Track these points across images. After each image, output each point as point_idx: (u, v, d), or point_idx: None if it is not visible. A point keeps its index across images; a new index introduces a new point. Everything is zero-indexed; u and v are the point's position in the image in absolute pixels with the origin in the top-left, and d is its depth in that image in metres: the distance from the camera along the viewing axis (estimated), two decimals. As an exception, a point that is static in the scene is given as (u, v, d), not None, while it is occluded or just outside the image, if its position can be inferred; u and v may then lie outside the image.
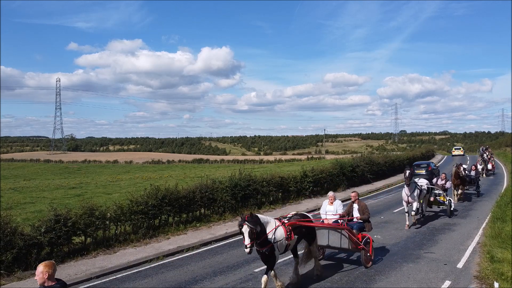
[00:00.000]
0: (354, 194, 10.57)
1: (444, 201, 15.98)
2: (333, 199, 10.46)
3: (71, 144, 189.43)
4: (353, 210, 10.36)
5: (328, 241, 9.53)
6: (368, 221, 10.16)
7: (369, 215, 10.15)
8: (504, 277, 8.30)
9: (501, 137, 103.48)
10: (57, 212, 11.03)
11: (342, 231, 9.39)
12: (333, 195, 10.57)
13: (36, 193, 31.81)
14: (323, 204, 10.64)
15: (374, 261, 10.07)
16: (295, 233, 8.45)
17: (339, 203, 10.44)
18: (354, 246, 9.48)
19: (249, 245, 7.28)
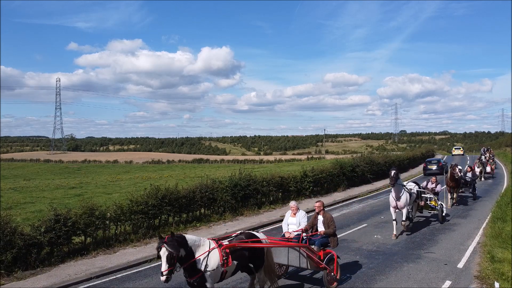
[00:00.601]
0: (319, 204, 9.07)
1: (435, 206, 14.92)
2: (296, 210, 9.31)
3: (71, 144, 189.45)
4: (317, 222, 8.96)
5: (288, 260, 8.30)
6: (334, 235, 8.83)
7: (335, 228, 8.80)
8: (504, 277, 8.29)
9: (501, 137, 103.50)
10: (57, 212, 11.02)
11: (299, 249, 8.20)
12: (295, 205, 9.38)
13: (36, 193, 31.79)
14: (286, 216, 9.55)
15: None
16: (234, 257, 6.95)
17: (302, 214, 9.27)
18: (315, 265, 8.30)
19: (166, 272, 5.99)
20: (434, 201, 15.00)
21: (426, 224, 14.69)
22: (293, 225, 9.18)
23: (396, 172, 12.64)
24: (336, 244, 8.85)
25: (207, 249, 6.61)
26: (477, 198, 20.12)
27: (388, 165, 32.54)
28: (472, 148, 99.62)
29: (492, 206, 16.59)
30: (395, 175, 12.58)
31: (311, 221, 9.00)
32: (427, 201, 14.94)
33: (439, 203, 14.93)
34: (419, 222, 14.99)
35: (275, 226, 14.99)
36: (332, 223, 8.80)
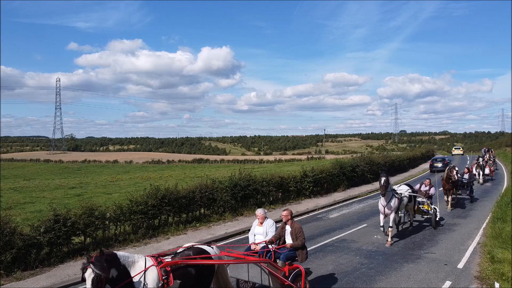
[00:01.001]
0: (286, 213, 8.08)
1: (428, 210, 14.10)
2: (263, 219, 8.40)
3: (71, 144, 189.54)
4: (285, 233, 8.03)
5: (249, 276, 7.42)
6: (302, 248, 7.81)
7: (303, 240, 7.79)
8: (504, 278, 8.28)
9: (501, 137, 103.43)
10: (57, 212, 11.00)
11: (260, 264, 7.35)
12: (261, 214, 8.43)
13: (36, 193, 31.78)
14: (252, 225, 8.69)
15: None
16: (177, 276, 6.04)
17: (270, 223, 8.38)
18: (279, 282, 7.39)
19: None
20: (427, 205, 14.18)
21: (425, 225, 14.67)
22: (259, 235, 8.33)
23: (386, 179, 11.74)
24: (305, 258, 7.88)
25: (142, 268, 5.72)
26: (474, 201, 19.44)
27: (388, 165, 32.62)
28: (472, 148, 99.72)
29: (492, 206, 16.57)
30: (385, 183, 11.68)
31: (278, 232, 8.09)
32: (420, 205, 14.14)
33: (433, 207, 14.13)
34: (418, 223, 14.84)
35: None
36: (301, 234, 7.84)
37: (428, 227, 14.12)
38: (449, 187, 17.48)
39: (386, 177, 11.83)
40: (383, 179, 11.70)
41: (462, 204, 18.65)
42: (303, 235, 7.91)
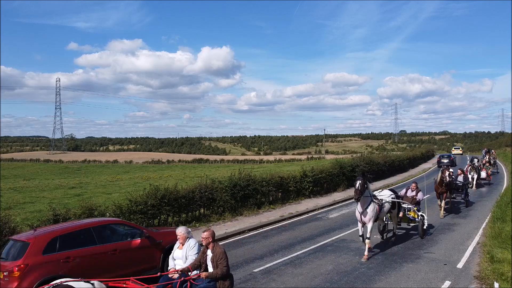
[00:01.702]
0: (206, 235, 6.56)
1: (414, 217, 12.77)
2: (184, 240, 7.03)
3: (71, 144, 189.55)
4: (206, 259, 6.61)
5: None
6: (224, 277, 6.37)
7: (224, 268, 6.31)
8: (504, 277, 8.28)
9: (501, 137, 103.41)
10: (56, 212, 11.00)
11: None
12: (182, 233, 7.04)
13: (35, 193, 31.78)
14: (174, 247, 7.35)
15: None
16: None
17: (192, 244, 6.98)
18: None
19: None
20: (413, 211, 12.79)
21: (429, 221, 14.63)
22: (179, 260, 7.00)
23: (362, 182, 10.41)
24: None
25: None
26: (470, 205, 18.23)
27: (388, 165, 32.62)
28: (472, 148, 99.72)
29: (491, 206, 16.56)
30: (360, 187, 10.35)
31: (199, 257, 6.68)
32: (405, 212, 12.70)
33: (420, 214, 12.79)
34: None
35: (274, 226, 14.99)
36: (222, 261, 6.34)
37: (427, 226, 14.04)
38: (442, 190, 15.94)
39: (362, 180, 10.47)
40: (358, 182, 10.40)
41: (456, 209, 17.53)
42: (226, 262, 6.38)
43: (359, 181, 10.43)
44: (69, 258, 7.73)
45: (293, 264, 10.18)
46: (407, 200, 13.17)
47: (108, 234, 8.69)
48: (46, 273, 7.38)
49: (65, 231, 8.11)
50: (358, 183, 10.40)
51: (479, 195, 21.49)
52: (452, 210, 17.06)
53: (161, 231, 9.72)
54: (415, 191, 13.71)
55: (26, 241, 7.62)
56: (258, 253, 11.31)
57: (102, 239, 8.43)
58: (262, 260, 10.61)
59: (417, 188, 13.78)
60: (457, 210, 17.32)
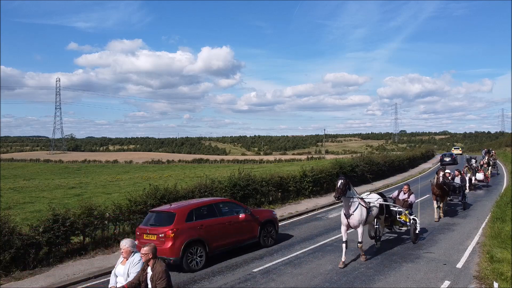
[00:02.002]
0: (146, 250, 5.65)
1: (406, 221, 12.09)
2: (128, 254, 6.17)
3: (71, 144, 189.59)
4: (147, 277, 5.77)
5: None
6: None
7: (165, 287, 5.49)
8: (503, 277, 8.27)
9: (501, 137, 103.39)
10: (56, 212, 11.01)
11: None
12: (127, 247, 6.16)
13: (35, 193, 31.79)
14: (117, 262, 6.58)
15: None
16: None
17: (136, 260, 6.13)
18: None
19: None
20: (405, 215, 12.09)
21: (424, 224, 14.64)
22: (121, 277, 6.22)
23: (344, 182, 9.80)
24: None
25: None
26: (467, 207, 17.39)
27: (388, 165, 32.60)
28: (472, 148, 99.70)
29: (491, 206, 16.54)
30: (342, 186, 9.74)
31: (138, 275, 5.91)
32: (397, 215, 12.09)
33: (412, 218, 12.01)
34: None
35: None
36: (161, 281, 5.51)
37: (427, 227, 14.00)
38: (439, 193, 15.12)
39: (344, 180, 9.87)
40: (340, 181, 9.78)
41: (453, 211, 16.77)
42: (166, 282, 5.54)
43: (341, 180, 9.86)
44: (202, 225, 10.36)
45: (292, 264, 10.18)
46: (399, 203, 12.54)
47: (224, 209, 11.39)
48: (188, 237, 9.94)
49: (196, 205, 10.81)
50: (340, 182, 9.82)
51: (478, 195, 21.42)
52: (449, 212, 16.46)
53: (258, 209, 13.16)
54: (407, 193, 13.00)
55: (172, 212, 10.22)
56: (258, 253, 11.31)
57: (221, 213, 11.12)
58: (262, 260, 10.61)
59: (409, 191, 13.06)
60: (454, 212, 16.71)
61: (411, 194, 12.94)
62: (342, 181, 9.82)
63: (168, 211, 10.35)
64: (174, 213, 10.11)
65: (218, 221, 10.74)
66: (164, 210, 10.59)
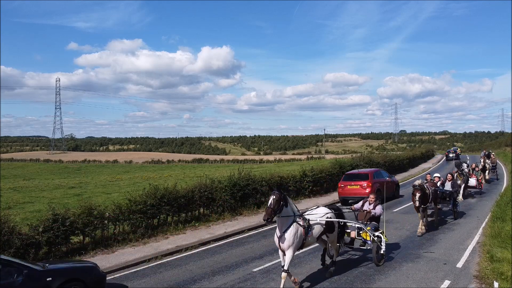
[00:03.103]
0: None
1: (366, 239, 9.78)
2: None
3: (71, 144, 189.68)
4: None
5: None
6: None
7: None
8: (503, 277, 8.26)
9: (501, 137, 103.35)
10: (55, 211, 11.00)
11: None
12: None
13: (35, 193, 31.78)
14: None
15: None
16: None
17: None
18: None
19: None
20: (365, 232, 9.79)
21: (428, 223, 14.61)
22: None
23: (277, 198, 7.80)
24: None
25: None
26: (458, 216, 15.39)
27: (388, 165, 32.55)
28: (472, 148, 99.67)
29: (491, 205, 16.54)
30: (274, 204, 7.74)
31: None
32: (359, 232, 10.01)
33: (377, 234, 9.88)
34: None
35: (274, 226, 14.92)
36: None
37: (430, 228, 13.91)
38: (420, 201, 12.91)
39: (278, 195, 7.87)
40: (272, 197, 7.83)
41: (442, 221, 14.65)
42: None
43: (273, 196, 7.83)
44: (376, 183, 18.80)
45: (292, 264, 10.11)
46: (361, 217, 10.48)
47: (382, 174, 20.83)
48: (374, 189, 17.38)
49: (374, 171, 20.54)
50: (272, 198, 7.80)
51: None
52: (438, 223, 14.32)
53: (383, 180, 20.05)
54: (372, 204, 10.61)
55: (367, 173, 19.71)
56: (258, 253, 11.30)
57: (381, 176, 20.38)
58: (262, 260, 10.60)
59: (376, 201, 10.68)
60: (443, 222, 14.83)
61: (377, 205, 10.53)
62: (274, 198, 7.77)
63: (365, 173, 20.04)
64: (367, 174, 19.66)
65: (382, 181, 19.47)
66: (361, 172, 20.37)
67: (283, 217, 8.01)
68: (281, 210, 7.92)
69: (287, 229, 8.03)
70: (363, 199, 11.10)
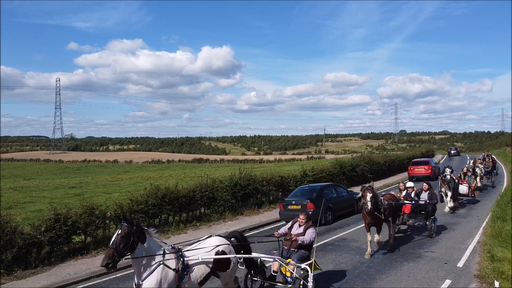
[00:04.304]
0: None
1: (287, 275, 7.33)
2: None
3: (71, 143, 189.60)
4: None
5: None
6: None
7: None
8: (504, 276, 8.28)
9: (501, 137, 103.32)
10: (57, 211, 11.03)
11: None
12: None
13: (36, 193, 31.81)
14: None
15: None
16: None
17: None
18: None
19: None
20: (285, 267, 7.35)
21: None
22: None
23: (124, 233, 5.47)
24: None
25: None
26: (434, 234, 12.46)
27: (388, 165, 32.58)
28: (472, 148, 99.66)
29: (492, 205, 16.54)
30: (119, 242, 5.43)
31: None
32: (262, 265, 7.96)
33: (302, 268, 7.51)
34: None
35: (274, 226, 15.00)
36: None
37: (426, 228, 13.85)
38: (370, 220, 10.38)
39: (127, 227, 5.52)
40: (117, 232, 5.51)
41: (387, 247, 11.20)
42: None
43: (118, 230, 5.53)
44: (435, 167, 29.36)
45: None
46: (286, 244, 8.00)
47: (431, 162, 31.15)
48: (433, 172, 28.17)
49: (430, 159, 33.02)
50: (116, 234, 5.51)
51: (480, 194, 21.17)
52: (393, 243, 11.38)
53: None
54: (303, 225, 8.03)
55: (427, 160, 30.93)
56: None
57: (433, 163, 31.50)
58: (263, 259, 10.59)
59: (308, 222, 8.04)
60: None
61: (309, 228, 7.93)
62: (119, 233, 5.47)
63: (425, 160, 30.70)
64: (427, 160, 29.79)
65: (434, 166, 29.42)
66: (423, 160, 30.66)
67: (138, 258, 5.64)
68: (133, 249, 5.58)
69: (149, 275, 5.70)
70: (292, 219, 8.55)
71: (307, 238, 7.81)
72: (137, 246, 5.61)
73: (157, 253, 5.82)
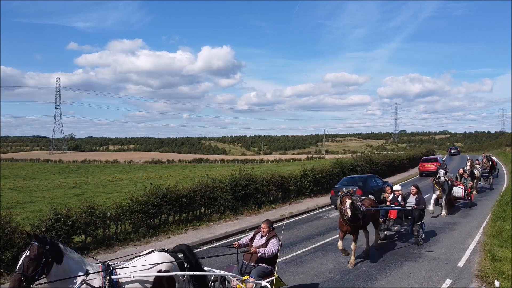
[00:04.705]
0: None
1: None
2: None
3: (71, 144, 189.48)
4: None
5: None
6: None
7: None
8: (505, 276, 8.29)
9: (501, 137, 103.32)
10: (57, 211, 11.04)
11: None
12: None
13: (36, 193, 31.79)
14: None
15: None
16: None
17: None
18: None
19: None
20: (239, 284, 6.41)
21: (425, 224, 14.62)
22: None
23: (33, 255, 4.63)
24: None
25: None
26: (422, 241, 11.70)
27: (388, 165, 32.59)
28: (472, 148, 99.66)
29: (492, 205, 16.54)
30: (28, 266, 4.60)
31: None
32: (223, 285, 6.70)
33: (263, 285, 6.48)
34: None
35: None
36: None
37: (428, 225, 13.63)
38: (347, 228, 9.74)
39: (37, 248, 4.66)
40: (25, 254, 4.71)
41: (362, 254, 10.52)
42: None
43: (27, 252, 4.69)
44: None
45: (294, 263, 10.20)
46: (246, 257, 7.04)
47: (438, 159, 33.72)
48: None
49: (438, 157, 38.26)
50: (24, 256, 4.69)
51: (480, 194, 21.24)
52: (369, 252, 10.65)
53: None
54: (265, 236, 7.21)
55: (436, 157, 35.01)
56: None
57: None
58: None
59: (271, 231, 7.26)
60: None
61: (272, 239, 7.08)
62: (28, 255, 4.63)
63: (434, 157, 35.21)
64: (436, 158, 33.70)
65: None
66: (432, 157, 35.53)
67: (55, 281, 4.77)
68: (48, 271, 4.73)
69: None
70: (255, 230, 7.76)
71: (269, 250, 6.78)
72: (51, 268, 4.74)
73: (79, 273, 4.93)
